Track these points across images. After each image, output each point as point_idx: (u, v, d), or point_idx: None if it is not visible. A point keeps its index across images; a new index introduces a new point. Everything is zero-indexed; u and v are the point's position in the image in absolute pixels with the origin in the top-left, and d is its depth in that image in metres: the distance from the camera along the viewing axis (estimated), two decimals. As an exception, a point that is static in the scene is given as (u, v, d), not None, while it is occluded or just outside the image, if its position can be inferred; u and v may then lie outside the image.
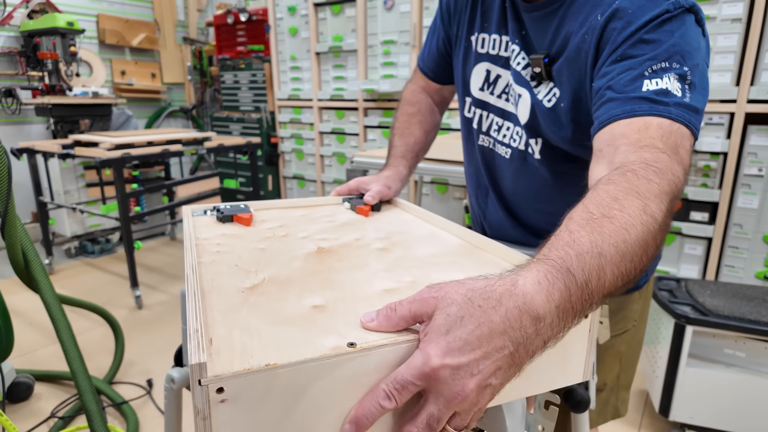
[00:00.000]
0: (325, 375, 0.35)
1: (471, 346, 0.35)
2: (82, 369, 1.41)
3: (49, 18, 3.19)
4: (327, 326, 0.42)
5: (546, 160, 0.77)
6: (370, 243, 0.66)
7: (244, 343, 0.37)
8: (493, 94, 0.82)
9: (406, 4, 2.98)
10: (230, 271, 0.55)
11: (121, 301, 2.67)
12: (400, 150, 0.95)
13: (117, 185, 2.43)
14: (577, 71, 0.68)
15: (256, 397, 0.34)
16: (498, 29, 0.80)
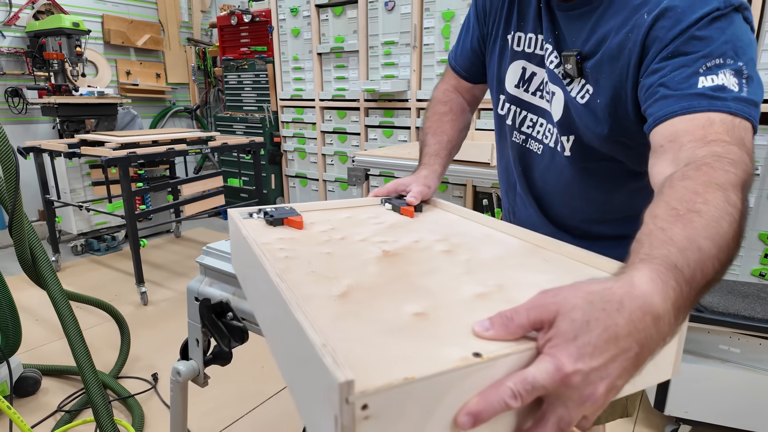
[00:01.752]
0: (456, 386, 0.35)
1: (600, 350, 0.35)
2: (89, 363, 1.45)
3: (55, 19, 3.24)
4: (439, 335, 0.41)
5: (575, 158, 0.78)
6: (431, 245, 0.65)
7: (371, 356, 0.35)
8: (528, 91, 0.83)
9: (407, 5, 3.00)
10: (309, 278, 0.53)
11: (126, 297, 2.72)
12: (433, 148, 0.95)
13: (123, 184, 2.47)
14: (618, 68, 0.68)
15: (394, 412, 0.33)
16: (534, 28, 0.81)
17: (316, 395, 0.36)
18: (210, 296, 0.83)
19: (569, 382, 0.35)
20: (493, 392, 0.35)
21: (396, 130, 3.29)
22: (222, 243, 0.87)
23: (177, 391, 0.93)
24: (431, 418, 0.34)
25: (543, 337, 0.37)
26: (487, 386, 0.36)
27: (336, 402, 0.31)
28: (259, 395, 1.86)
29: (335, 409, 0.32)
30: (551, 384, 0.35)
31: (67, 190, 3.27)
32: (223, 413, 1.75)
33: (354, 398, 0.31)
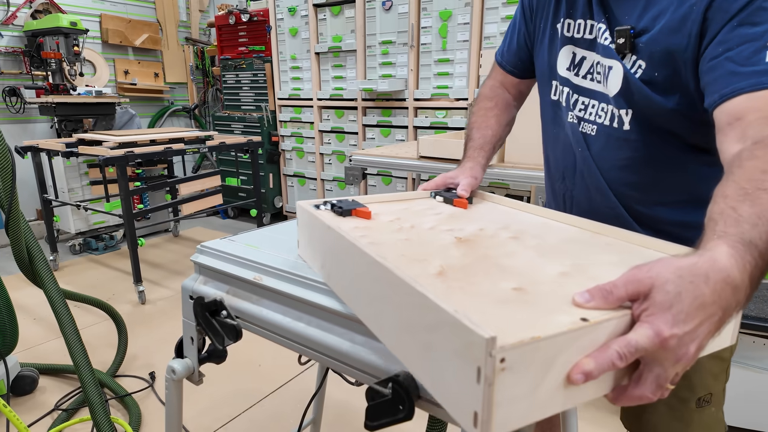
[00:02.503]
0: (569, 346, 0.41)
1: (691, 316, 0.41)
2: (85, 362, 1.45)
3: (53, 18, 3.24)
4: (543, 306, 0.46)
5: (635, 131, 0.78)
6: (497, 233, 0.69)
7: (494, 321, 0.40)
8: (578, 75, 0.85)
9: (404, 5, 3.01)
10: (402, 261, 0.56)
11: (124, 296, 2.72)
12: (478, 142, 0.98)
13: (120, 183, 2.48)
14: (677, 41, 0.68)
15: (523, 366, 0.39)
16: (583, 14, 0.82)
17: (449, 355, 0.42)
18: (204, 294, 0.84)
19: (667, 344, 0.41)
20: (602, 354, 0.41)
21: (394, 129, 3.30)
22: (216, 241, 0.88)
23: (172, 389, 0.94)
24: (548, 373, 0.40)
25: (639, 307, 0.43)
26: (595, 350, 0.42)
27: (480, 356, 0.37)
28: (256, 394, 1.86)
29: (479, 362, 0.38)
30: (651, 347, 0.41)
31: (65, 190, 3.27)
32: (220, 412, 1.76)
33: (496, 352, 0.37)
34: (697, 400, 0.86)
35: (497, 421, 0.39)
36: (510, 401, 0.39)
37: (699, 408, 0.87)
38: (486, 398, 0.38)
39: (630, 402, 0.44)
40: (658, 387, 0.43)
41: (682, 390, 0.86)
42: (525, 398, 0.40)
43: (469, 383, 0.39)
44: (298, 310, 0.72)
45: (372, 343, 0.64)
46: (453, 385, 0.42)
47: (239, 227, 4.12)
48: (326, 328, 0.69)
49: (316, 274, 0.72)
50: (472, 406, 0.39)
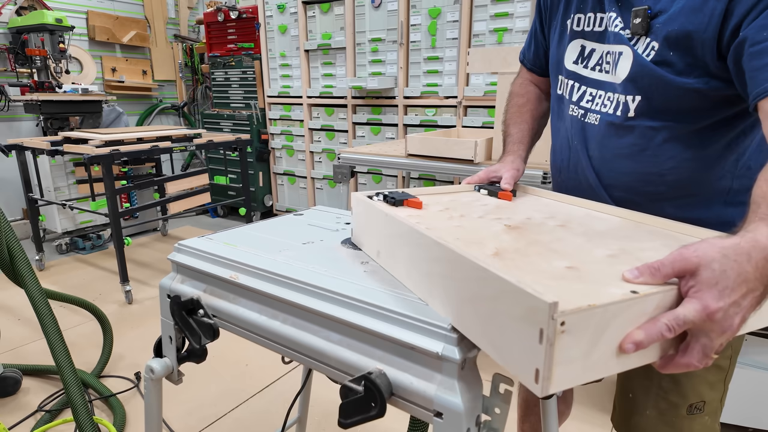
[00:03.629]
0: (620, 315, 0.45)
1: (735, 291, 0.45)
2: (68, 362, 1.43)
3: (38, 15, 3.20)
4: (595, 281, 0.51)
5: (640, 118, 0.78)
6: (544, 221, 0.73)
7: (553, 291, 0.44)
8: (587, 67, 0.86)
9: (393, 2, 3.00)
10: (458, 243, 0.59)
11: (111, 296, 2.70)
12: (516, 137, 1.02)
13: (106, 182, 2.45)
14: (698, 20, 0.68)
15: (580, 330, 0.43)
16: (593, 7, 0.84)
17: (511, 321, 0.46)
18: (182, 293, 0.83)
19: (714, 317, 0.45)
20: (652, 326, 0.45)
21: (384, 127, 3.29)
22: (194, 240, 0.87)
23: (151, 388, 0.93)
24: (601, 339, 0.45)
25: (686, 284, 0.47)
26: (646, 321, 0.46)
27: (544, 319, 0.42)
28: (242, 394, 1.85)
29: (542, 324, 0.42)
30: (699, 319, 0.45)
31: (51, 189, 3.23)
32: (206, 412, 1.75)
33: (558, 315, 0.41)
34: (689, 406, 0.85)
35: (555, 378, 0.43)
36: (567, 361, 0.43)
37: (690, 415, 0.86)
38: (547, 357, 0.42)
39: (677, 369, 0.48)
40: (704, 356, 0.47)
41: (672, 395, 0.86)
42: (580, 360, 0.44)
43: (532, 344, 0.43)
44: (274, 308, 0.72)
45: (347, 341, 0.63)
46: (515, 347, 0.46)
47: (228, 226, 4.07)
48: (302, 326, 0.68)
49: (291, 272, 0.71)
50: (534, 364, 0.44)
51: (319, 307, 0.65)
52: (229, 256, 0.78)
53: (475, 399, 0.56)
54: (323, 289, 0.66)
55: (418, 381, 0.56)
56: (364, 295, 0.63)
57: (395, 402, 0.58)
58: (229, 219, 4.30)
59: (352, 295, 0.63)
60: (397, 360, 0.58)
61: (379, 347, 0.60)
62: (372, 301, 0.61)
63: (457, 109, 2.92)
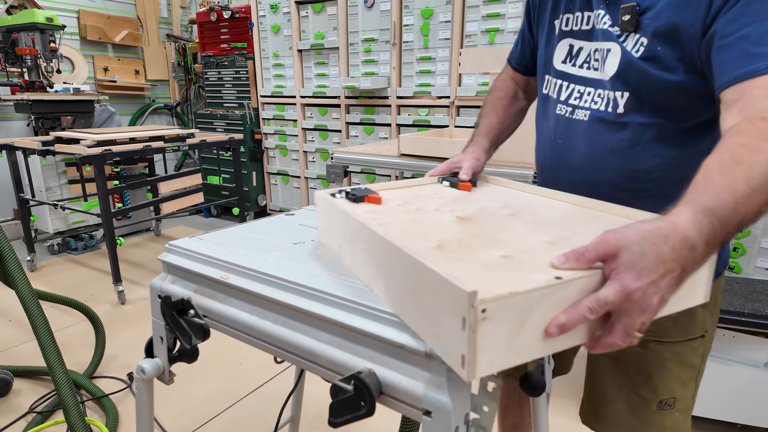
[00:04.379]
0: (544, 300, 0.47)
1: (653, 272, 0.47)
2: (59, 363, 1.43)
3: (28, 14, 3.17)
4: (525, 268, 0.53)
5: (628, 114, 0.78)
6: (497, 211, 0.75)
7: (480, 281, 0.46)
8: (575, 65, 0.87)
9: (386, 2, 3.00)
10: (406, 237, 0.62)
11: (104, 296, 2.68)
12: (483, 129, 1.03)
13: (98, 182, 2.44)
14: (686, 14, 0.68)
15: (502, 317, 0.45)
16: (581, 6, 0.85)
17: (441, 310, 0.48)
18: (172, 294, 0.83)
19: (632, 297, 0.46)
20: (575, 309, 0.47)
21: (377, 127, 3.30)
22: (185, 240, 0.87)
23: (142, 389, 0.93)
24: (526, 323, 0.46)
25: (609, 267, 0.48)
26: (569, 305, 0.48)
27: (465, 307, 0.44)
28: (235, 393, 1.85)
29: (464, 312, 0.44)
30: (619, 300, 0.47)
31: (42, 189, 3.21)
32: (199, 412, 1.75)
33: (477, 303, 0.43)
34: (659, 402, 0.87)
35: (481, 362, 0.45)
36: (491, 347, 0.45)
37: (660, 410, 0.87)
38: (471, 343, 0.44)
39: (603, 349, 0.50)
40: (626, 335, 0.48)
41: (643, 389, 0.87)
42: (505, 344, 0.46)
43: (458, 331, 0.46)
44: (264, 308, 0.72)
45: (337, 341, 0.64)
46: (445, 335, 0.49)
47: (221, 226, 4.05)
48: (292, 326, 0.68)
49: (281, 272, 0.72)
50: (460, 350, 0.46)
51: (309, 307, 0.65)
52: (220, 257, 0.78)
53: (464, 397, 0.56)
54: (313, 289, 0.66)
55: (407, 380, 0.57)
56: (353, 294, 0.63)
57: (385, 401, 0.59)
58: (223, 219, 4.29)
59: (341, 295, 0.63)
60: (386, 359, 0.59)
61: (368, 347, 0.61)
62: (361, 301, 0.62)
63: (450, 109, 2.93)
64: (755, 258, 2.19)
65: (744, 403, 1.45)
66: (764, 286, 1.55)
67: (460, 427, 0.56)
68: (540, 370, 0.93)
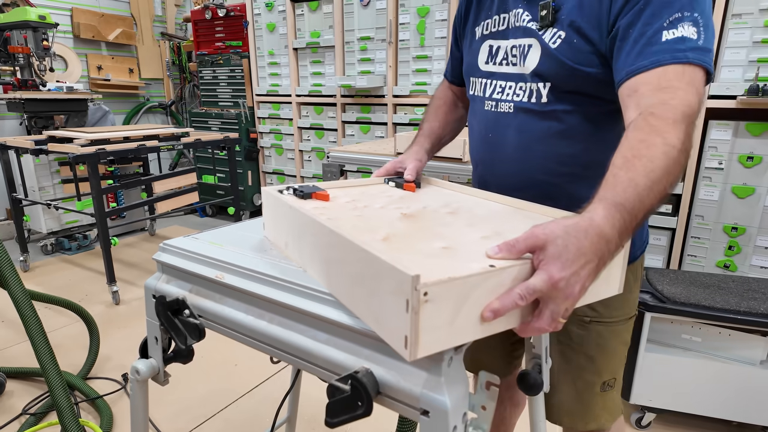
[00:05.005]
0: (479, 286, 0.51)
1: (575, 263, 0.52)
2: (53, 364, 1.41)
3: (20, 11, 3.14)
4: (463, 258, 0.58)
5: (554, 103, 0.84)
6: (438, 209, 0.80)
7: (423, 268, 0.48)
8: (495, 63, 0.92)
9: (382, 1, 3.00)
10: (356, 231, 0.65)
11: (98, 296, 2.66)
12: (425, 131, 1.09)
13: (91, 181, 2.42)
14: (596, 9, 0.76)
15: (442, 300, 0.48)
16: (498, 10, 0.91)
17: (386, 295, 0.52)
18: (167, 293, 0.82)
19: (558, 285, 0.51)
20: (507, 296, 0.52)
21: (373, 126, 3.29)
22: (180, 239, 0.86)
23: (137, 389, 0.92)
24: (463, 307, 0.50)
25: (537, 258, 0.53)
26: (502, 293, 0.52)
27: (408, 290, 0.47)
28: (231, 394, 1.84)
29: (407, 295, 0.47)
30: (546, 288, 0.51)
31: (35, 188, 3.18)
32: (195, 412, 1.74)
33: (420, 287, 0.46)
34: (603, 383, 0.95)
35: (422, 342, 0.49)
36: (432, 328, 0.49)
37: (603, 392, 0.96)
38: (413, 324, 0.48)
39: (532, 333, 0.55)
40: (552, 320, 0.53)
41: (588, 373, 0.95)
42: (445, 326, 0.50)
43: (401, 314, 0.49)
44: (260, 308, 0.71)
45: (334, 341, 0.63)
46: (390, 319, 0.52)
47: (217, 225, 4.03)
48: (288, 326, 0.68)
49: (277, 271, 0.71)
50: (403, 332, 0.49)
51: (306, 306, 0.65)
52: (215, 256, 0.78)
53: (462, 397, 0.56)
54: (309, 288, 0.66)
55: (404, 379, 0.56)
56: (350, 293, 0.63)
57: (382, 401, 0.58)
58: (218, 218, 4.27)
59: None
60: (383, 359, 0.58)
61: (366, 346, 0.60)
62: (358, 300, 0.61)
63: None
64: (750, 256, 2.20)
65: (740, 400, 1.46)
66: (760, 284, 1.56)
67: (458, 427, 0.56)
68: (537, 369, 0.92)
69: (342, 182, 0.97)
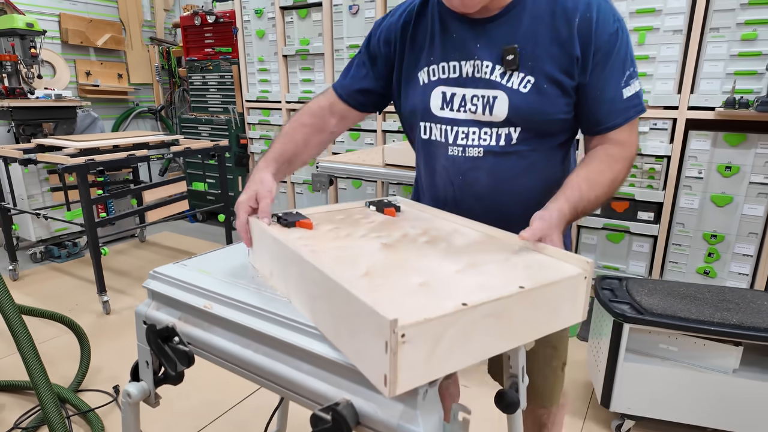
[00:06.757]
0: (453, 324, 0.55)
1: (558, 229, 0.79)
2: (44, 380, 1.43)
3: (7, 19, 3.13)
4: (438, 295, 0.62)
5: (522, 144, 0.94)
6: (416, 238, 0.84)
7: (400, 308, 0.53)
8: (453, 110, 0.95)
9: (370, 9, 3.02)
10: (337, 266, 0.70)
11: (88, 306, 2.67)
12: (274, 154, 0.99)
13: (81, 192, 2.42)
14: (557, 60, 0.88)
15: (418, 339, 0.52)
16: (446, 57, 0.94)
17: (367, 335, 0.55)
18: (157, 320, 0.85)
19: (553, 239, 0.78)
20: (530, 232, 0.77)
21: (363, 132, 3.32)
22: (169, 267, 0.89)
23: (128, 412, 0.94)
24: (438, 345, 0.55)
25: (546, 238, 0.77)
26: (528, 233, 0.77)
27: (387, 333, 0.51)
28: (221, 405, 1.87)
29: (386, 338, 0.51)
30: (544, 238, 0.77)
31: (24, 196, 3.17)
32: (184, 425, 1.76)
33: (398, 329, 0.50)
34: (562, 365, 1.15)
35: (401, 380, 0.52)
36: (410, 367, 0.53)
37: (561, 372, 1.15)
38: (392, 364, 0.51)
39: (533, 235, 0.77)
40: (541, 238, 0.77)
41: (554, 360, 1.12)
42: (422, 364, 0.54)
43: (381, 354, 0.52)
44: (247, 338, 0.74)
45: (317, 372, 0.67)
46: (371, 357, 0.55)
47: (207, 231, 4.07)
48: (273, 356, 0.71)
49: (263, 302, 0.74)
50: (383, 371, 0.53)
51: (290, 338, 0.68)
52: (203, 285, 0.81)
53: (436, 427, 0.59)
54: (293, 321, 0.69)
55: (382, 411, 0.59)
56: (332, 327, 0.66)
57: (362, 430, 0.62)
58: (208, 223, 4.28)
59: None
60: (363, 390, 0.62)
61: (346, 378, 0.63)
62: (339, 334, 0.64)
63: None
64: (729, 263, 2.26)
65: (714, 408, 1.51)
66: (734, 294, 1.61)
67: (433, 455, 0.59)
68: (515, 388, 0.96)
69: (325, 207, 1.00)
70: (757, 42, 2.06)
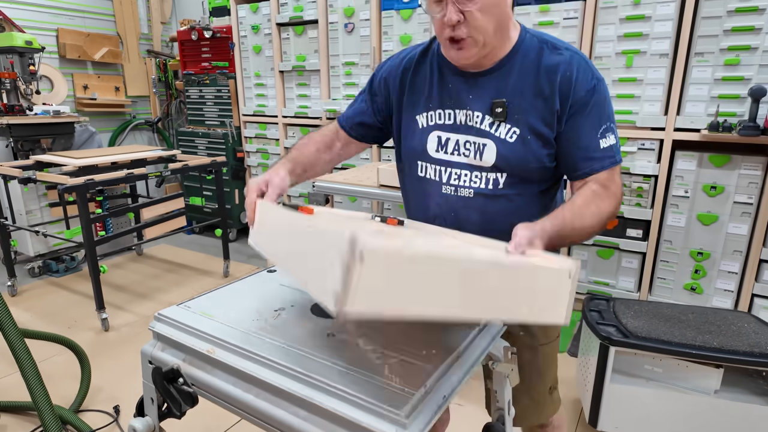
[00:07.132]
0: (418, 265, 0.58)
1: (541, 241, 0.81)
2: (47, 403, 1.47)
3: (7, 37, 3.16)
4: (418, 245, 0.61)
5: (509, 187, 1.03)
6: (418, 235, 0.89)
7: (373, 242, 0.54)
8: (447, 152, 1.06)
9: (366, 28, 3.08)
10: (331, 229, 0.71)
11: (86, 322, 2.70)
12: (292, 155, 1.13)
13: (81, 211, 2.46)
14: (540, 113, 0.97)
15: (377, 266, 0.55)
16: (442, 105, 1.05)
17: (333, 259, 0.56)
18: (162, 361, 0.89)
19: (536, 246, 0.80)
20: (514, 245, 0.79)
21: (357, 148, 3.37)
22: (173, 309, 0.93)
23: (133, 445, 0.99)
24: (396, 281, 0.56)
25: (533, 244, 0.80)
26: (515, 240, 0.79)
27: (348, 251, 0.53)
28: (218, 428, 1.91)
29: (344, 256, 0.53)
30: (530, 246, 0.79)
31: (22, 212, 3.20)
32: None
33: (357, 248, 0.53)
34: (549, 388, 1.21)
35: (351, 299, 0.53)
36: (364, 289, 0.54)
37: (550, 394, 1.21)
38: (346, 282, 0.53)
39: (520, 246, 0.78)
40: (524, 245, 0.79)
41: (541, 386, 1.19)
42: (376, 292, 0.55)
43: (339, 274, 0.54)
44: (248, 382, 0.79)
45: (312, 418, 0.71)
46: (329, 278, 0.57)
47: (204, 243, 4.11)
48: (273, 402, 0.76)
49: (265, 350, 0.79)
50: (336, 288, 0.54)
51: (288, 386, 0.73)
52: (206, 330, 0.85)
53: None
54: (289, 368, 0.74)
55: (374, 459, 0.64)
56: (326, 375, 0.71)
57: (354, 475, 0.67)
58: (205, 236, 4.31)
59: (315, 376, 0.71)
60: (356, 438, 0.66)
61: (340, 425, 0.68)
62: (334, 383, 0.69)
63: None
64: (715, 280, 2.32)
65: (697, 427, 1.57)
66: (716, 316, 1.67)
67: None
68: (501, 420, 1.02)
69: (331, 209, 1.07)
70: (739, 67, 2.13)
